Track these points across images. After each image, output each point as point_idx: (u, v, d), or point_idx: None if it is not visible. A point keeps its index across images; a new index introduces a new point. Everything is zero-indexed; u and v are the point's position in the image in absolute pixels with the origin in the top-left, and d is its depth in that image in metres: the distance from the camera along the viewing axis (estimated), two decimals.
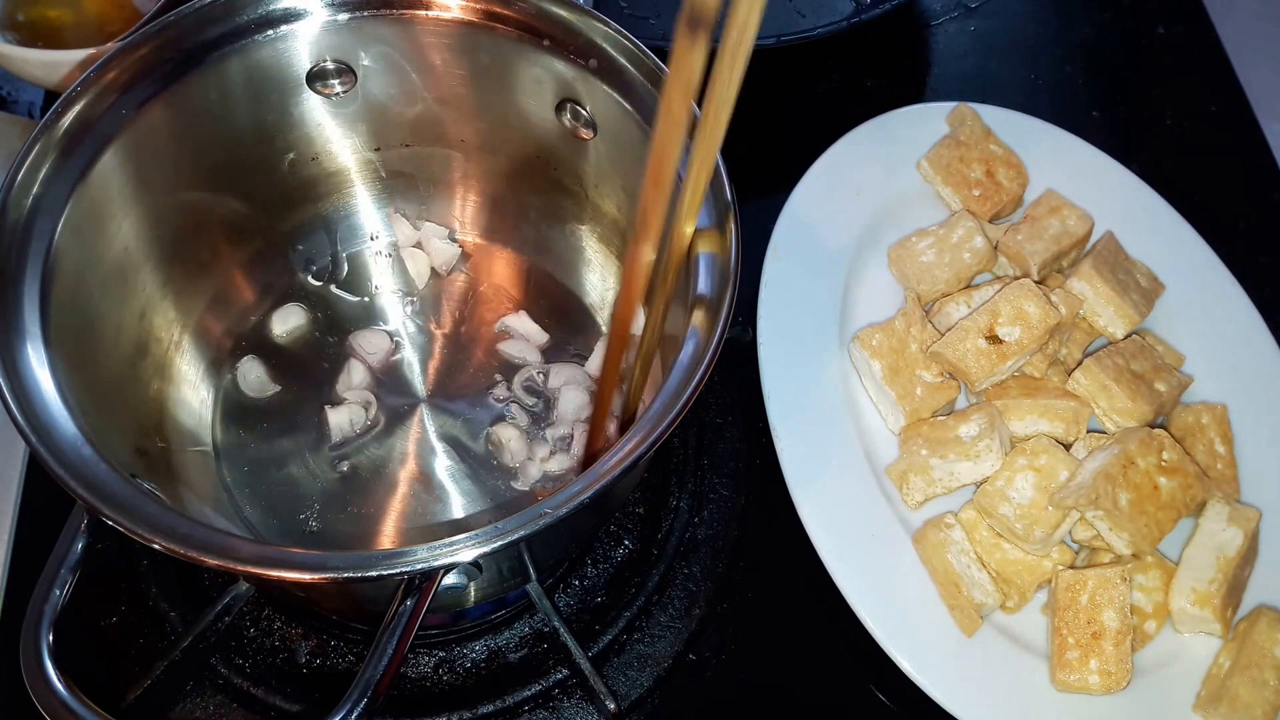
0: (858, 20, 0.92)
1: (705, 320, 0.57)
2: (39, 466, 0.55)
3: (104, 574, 0.71)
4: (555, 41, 0.66)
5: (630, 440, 0.52)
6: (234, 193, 0.73)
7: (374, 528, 0.70)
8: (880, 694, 0.72)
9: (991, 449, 0.70)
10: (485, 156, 0.77)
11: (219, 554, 0.48)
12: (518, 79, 0.69)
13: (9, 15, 0.87)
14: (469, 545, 0.48)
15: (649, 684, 0.70)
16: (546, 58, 0.67)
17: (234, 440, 0.73)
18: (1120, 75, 1.04)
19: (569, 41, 0.66)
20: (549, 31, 0.66)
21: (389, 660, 0.49)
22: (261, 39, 0.66)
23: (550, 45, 0.66)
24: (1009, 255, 0.81)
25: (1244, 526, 0.69)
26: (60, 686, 0.48)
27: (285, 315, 0.78)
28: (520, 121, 0.72)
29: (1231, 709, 0.65)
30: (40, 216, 0.58)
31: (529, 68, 0.68)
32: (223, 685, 0.68)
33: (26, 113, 0.96)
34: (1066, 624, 0.66)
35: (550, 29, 0.66)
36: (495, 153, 0.76)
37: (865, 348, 0.75)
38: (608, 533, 0.75)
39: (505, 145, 0.75)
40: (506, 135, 0.74)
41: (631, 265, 0.58)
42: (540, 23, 0.66)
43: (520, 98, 0.70)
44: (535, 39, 0.66)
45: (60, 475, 0.50)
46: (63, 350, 0.56)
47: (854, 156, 0.85)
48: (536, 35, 0.66)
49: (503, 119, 0.73)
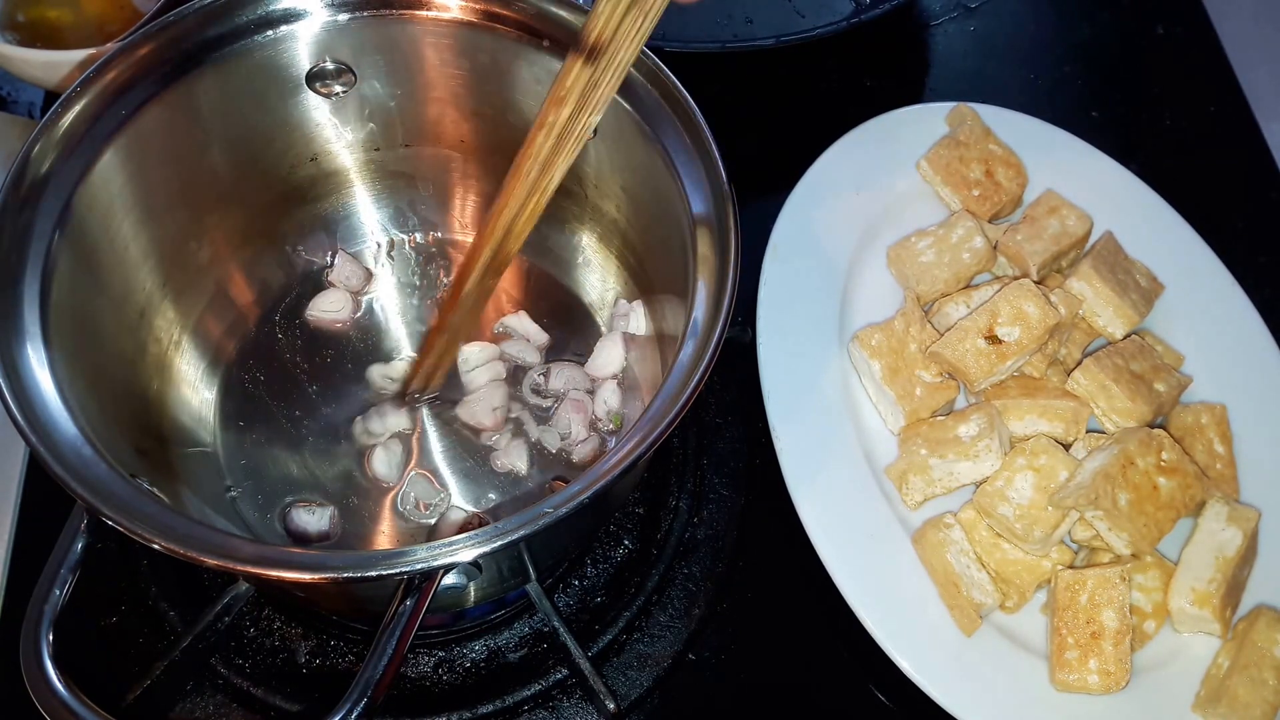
0: (857, 20, 0.92)
1: (705, 320, 0.57)
2: (39, 466, 0.55)
3: (104, 574, 0.71)
4: (555, 42, 0.66)
5: (630, 440, 0.52)
6: (234, 193, 0.73)
7: (374, 527, 0.70)
8: (879, 694, 0.72)
9: (991, 449, 0.71)
10: (485, 156, 0.77)
11: (219, 554, 0.48)
12: (517, 79, 0.69)
13: (9, 15, 0.87)
14: (469, 545, 0.49)
15: (649, 684, 0.70)
16: (546, 58, 0.67)
17: (234, 440, 0.73)
18: (1120, 75, 1.04)
19: (569, 41, 0.65)
20: (549, 31, 0.66)
21: (389, 660, 0.49)
22: (261, 39, 0.66)
23: (550, 46, 0.66)
24: (1008, 255, 0.81)
25: (1243, 526, 0.69)
26: (60, 686, 0.48)
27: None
28: (520, 122, 0.72)
29: (1231, 708, 0.65)
30: (40, 216, 0.58)
31: (528, 68, 0.68)
32: (223, 685, 0.68)
33: (26, 113, 0.96)
34: (1066, 624, 0.67)
35: (550, 29, 0.66)
36: (495, 153, 0.76)
37: (865, 348, 0.75)
38: (607, 533, 0.75)
39: (505, 145, 0.75)
40: (506, 135, 0.74)
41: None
42: (540, 23, 0.66)
43: (520, 98, 0.70)
44: (535, 39, 0.66)
45: (60, 475, 0.50)
46: (63, 350, 0.56)
47: (854, 156, 0.85)
48: (536, 35, 0.66)
49: (502, 119, 0.73)
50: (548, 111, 0.59)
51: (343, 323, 0.78)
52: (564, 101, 0.58)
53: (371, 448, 0.72)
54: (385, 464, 0.72)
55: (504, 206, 0.63)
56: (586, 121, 0.58)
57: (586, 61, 0.57)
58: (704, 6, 1.00)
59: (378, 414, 0.73)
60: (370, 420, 0.73)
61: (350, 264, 0.79)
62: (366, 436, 0.73)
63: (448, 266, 0.81)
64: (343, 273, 0.78)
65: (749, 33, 0.98)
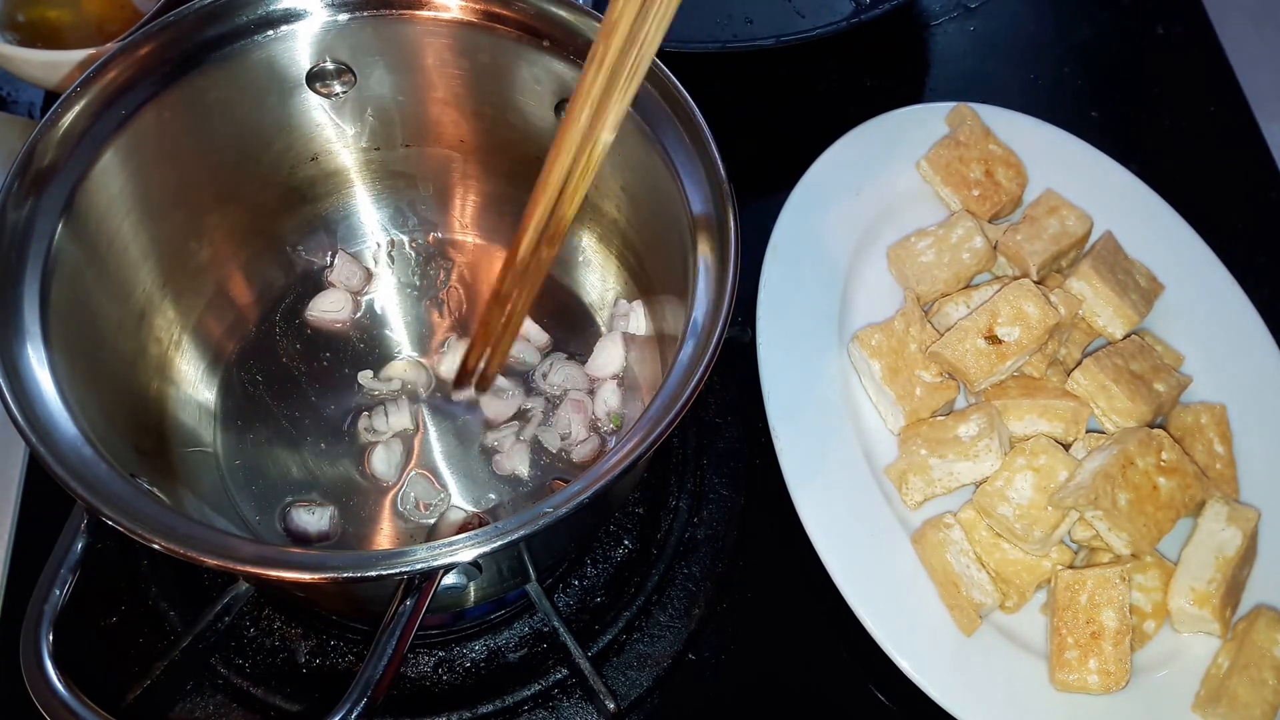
0: (857, 20, 0.92)
1: (705, 320, 0.57)
2: (39, 466, 0.55)
3: (104, 574, 0.71)
4: (555, 42, 0.66)
5: (630, 440, 0.52)
6: (234, 193, 0.73)
7: (374, 527, 0.70)
8: (879, 694, 0.72)
9: (991, 449, 0.71)
10: (485, 156, 0.77)
11: (219, 554, 0.48)
12: (517, 79, 0.69)
13: (9, 15, 0.87)
14: (469, 545, 0.49)
15: (648, 684, 0.70)
16: (546, 58, 0.67)
17: (234, 440, 0.73)
18: (1119, 75, 1.04)
19: (569, 41, 0.66)
20: (549, 31, 0.66)
21: (389, 660, 0.49)
22: (261, 39, 0.66)
23: (550, 46, 0.66)
24: (1008, 255, 0.81)
25: (1243, 526, 0.69)
26: (60, 686, 0.48)
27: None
28: (520, 121, 0.72)
29: (1230, 708, 0.65)
30: (40, 216, 0.58)
31: (528, 68, 0.68)
32: (223, 685, 0.68)
33: (26, 113, 0.96)
34: (1066, 624, 0.67)
35: (550, 29, 0.66)
36: (495, 153, 0.76)
37: (864, 348, 0.75)
38: (607, 533, 0.75)
39: (505, 145, 0.75)
40: (506, 135, 0.74)
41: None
42: (540, 23, 0.66)
43: (520, 98, 0.70)
44: (535, 39, 0.66)
45: (60, 475, 0.50)
46: (63, 350, 0.56)
47: (854, 156, 0.85)
48: (536, 35, 0.66)
49: (502, 119, 0.73)
50: (597, 45, 0.54)
51: (343, 323, 0.78)
52: (614, 30, 0.53)
53: (372, 447, 0.72)
54: (385, 463, 0.72)
55: (555, 159, 0.58)
56: (640, 54, 0.53)
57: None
58: (704, 6, 1.00)
59: (382, 412, 0.73)
60: (375, 418, 0.73)
61: (350, 264, 0.79)
62: (369, 434, 0.73)
63: (448, 266, 0.81)
64: (343, 273, 0.79)
65: (749, 33, 0.98)
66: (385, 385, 0.75)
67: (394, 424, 0.73)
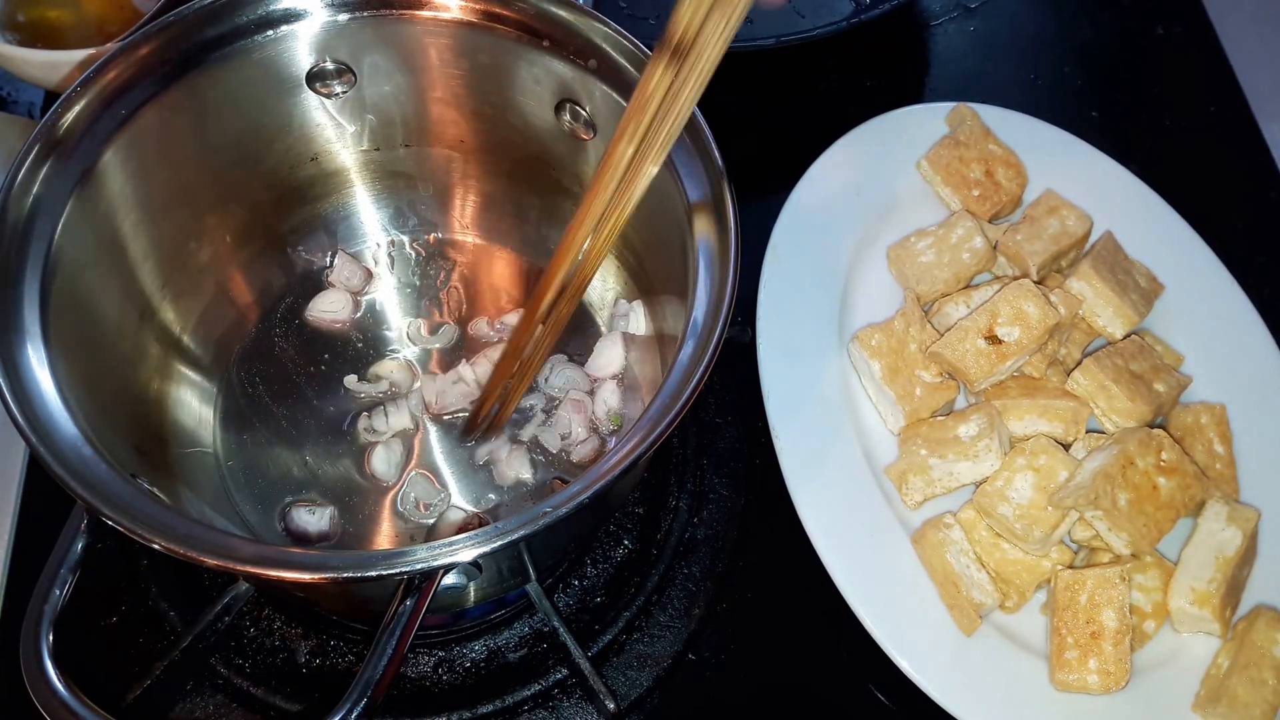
0: (857, 20, 0.92)
1: (705, 320, 0.57)
2: (39, 466, 0.55)
3: (104, 574, 0.71)
4: (555, 42, 0.66)
5: (630, 440, 0.52)
6: (234, 193, 0.73)
7: (374, 527, 0.70)
8: (879, 694, 0.72)
9: (991, 449, 0.71)
10: (485, 156, 0.77)
11: (219, 554, 0.48)
12: (517, 79, 0.69)
13: (9, 15, 0.87)
14: (469, 545, 0.49)
15: (648, 684, 0.70)
16: (546, 58, 0.67)
17: (234, 440, 0.73)
18: (1119, 75, 1.04)
19: (568, 42, 0.66)
20: (549, 32, 0.66)
21: (389, 660, 0.49)
22: (261, 39, 0.66)
23: (550, 46, 0.66)
24: (1008, 255, 0.81)
25: (1243, 526, 0.69)
26: (60, 686, 0.48)
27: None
28: (520, 122, 0.72)
29: (1230, 708, 0.65)
30: (40, 216, 0.58)
31: (528, 68, 0.68)
32: (223, 685, 0.68)
33: (26, 113, 0.96)
34: (1065, 624, 0.67)
35: (550, 29, 0.66)
36: (495, 153, 0.76)
37: (864, 348, 0.75)
38: (607, 533, 0.75)
39: (505, 145, 0.75)
40: (506, 135, 0.74)
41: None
42: (540, 23, 0.66)
43: (520, 98, 0.70)
44: (535, 39, 0.66)
45: (60, 475, 0.50)
46: (63, 350, 0.56)
47: (854, 156, 0.85)
48: (536, 35, 0.66)
49: (502, 119, 0.73)
50: (629, 119, 0.56)
51: (343, 323, 0.78)
52: (646, 107, 0.55)
53: (372, 447, 0.72)
54: (385, 463, 0.72)
55: (581, 223, 0.60)
56: (670, 129, 0.55)
57: (670, 62, 0.54)
58: None
59: (382, 412, 0.73)
60: (375, 418, 0.73)
61: (350, 264, 0.79)
62: (369, 434, 0.73)
63: (448, 267, 0.81)
64: (343, 273, 0.79)
65: (749, 33, 0.98)
66: (373, 387, 0.75)
67: (394, 424, 0.73)
